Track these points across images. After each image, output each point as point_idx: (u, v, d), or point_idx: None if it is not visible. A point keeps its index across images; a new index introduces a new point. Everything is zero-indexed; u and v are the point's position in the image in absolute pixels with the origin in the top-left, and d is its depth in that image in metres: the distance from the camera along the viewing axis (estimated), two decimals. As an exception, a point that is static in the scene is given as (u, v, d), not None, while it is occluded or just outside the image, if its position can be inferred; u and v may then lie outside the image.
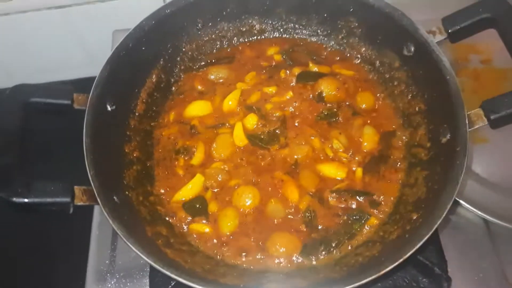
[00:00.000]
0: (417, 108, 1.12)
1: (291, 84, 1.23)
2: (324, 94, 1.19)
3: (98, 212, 1.23)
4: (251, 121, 1.17)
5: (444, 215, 0.87)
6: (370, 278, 0.82)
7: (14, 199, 0.87)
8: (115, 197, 0.96)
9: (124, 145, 1.10)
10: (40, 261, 1.24)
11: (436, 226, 0.86)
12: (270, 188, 1.08)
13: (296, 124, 1.17)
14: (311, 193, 1.06)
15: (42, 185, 0.90)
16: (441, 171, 0.97)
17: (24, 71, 1.59)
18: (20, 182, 0.88)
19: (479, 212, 1.13)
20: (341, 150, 1.12)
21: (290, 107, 1.19)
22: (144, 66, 1.18)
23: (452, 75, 1.01)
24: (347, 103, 1.19)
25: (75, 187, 0.93)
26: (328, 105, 1.19)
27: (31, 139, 0.95)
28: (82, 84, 1.04)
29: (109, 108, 1.07)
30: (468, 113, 0.97)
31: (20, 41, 1.54)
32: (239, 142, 1.14)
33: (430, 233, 0.86)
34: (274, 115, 1.18)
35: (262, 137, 1.15)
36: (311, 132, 1.15)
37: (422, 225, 0.89)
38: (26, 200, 0.88)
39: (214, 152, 1.13)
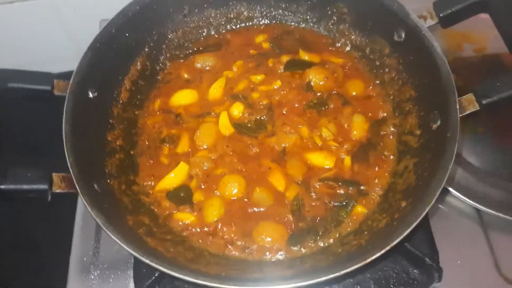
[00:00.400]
0: (407, 95, 1.09)
1: (279, 71, 1.20)
2: (312, 84, 1.16)
3: (82, 203, 1.19)
4: (237, 109, 1.14)
5: (433, 202, 0.85)
6: (356, 266, 0.80)
7: (-12, 186, 0.84)
8: (95, 185, 0.93)
9: (106, 133, 1.07)
10: (22, 252, 1.20)
11: (425, 213, 0.84)
12: (256, 177, 1.05)
13: (284, 112, 1.14)
14: (298, 182, 1.04)
15: (18, 171, 0.87)
16: (431, 158, 0.95)
17: (8, 62, 1.55)
18: (-5, 168, 0.85)
19: (471, 202, 1.11)
20: (329, 139, 1.10)
21: (278, 96, 1.16)
22: (128, 53, 1.15)
23: (443, 60, 0.98)
24: (337, 92, 1.17)
25: (53, 174, 0.90)
26: (317, 94, 1.16)
27: (7, 125, 0.91)
28: (69, 77, 1.01)
29: (90, 95, 1.04)
30: (459, 98, 0.94)
31: (5, 32, 1.50)
32: (225, 131, 1.11)
33: (419, 220, 0.83)
34: (261, 103, 1.15)
35: (249, 125, 1.13)
36: (299, 120, 1.12)
37: (411, 212, 0.86)
38: (1, 186, 0.85)
39: (197, 140, 1.10)
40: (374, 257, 0.80)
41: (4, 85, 0.95)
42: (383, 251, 0.80)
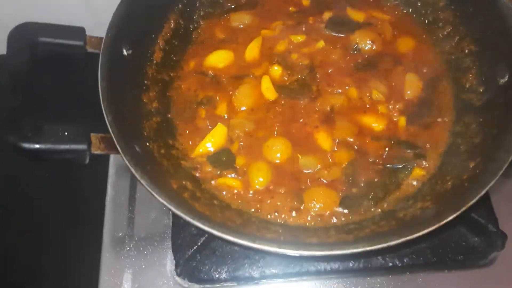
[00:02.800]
0: (466, 50, 1.02)
1: (322, 32, 1.12)
2: (359, 47, 1.09)
3: (113, 172, 1.13)
4: (276, 72, 1.07)
5: (510, 160, 0.77)
6: (429, 229, 0.72)
7: (24, 144, 0.77)
8: (136, 146, 0.86)
9: (142, 95, 1.00)
10: (51, 225, 1.14)
11: (502, 171, 0.77)
12: (302, 138, 0.98)
13: (330, 72, 1.06)
14: (350, 143, 0.97)
15: (55, 129, 0.80)
16: (500, 114, 0.87)
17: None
18: (30, 126, 0.78)
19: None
20: (380, 100, 1.02)
21: (321, 56, 1.09)
22: (161, 9, 1.08)
23: (510, 8, 0.90)
24: (387, 52, 1.09)
25: (92, 134, 0.84)
26: (365, 55, 1.08)
27: (41, 83, 0.84)
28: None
29: (125, 53, 0.97)
30: (532, 48, 0.87)
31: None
32: (269, 95, 1.04)
33: (495, 179, 0.76)
34: (301, 63, 1.08)
35: (292, 87, 1.05)
36: (347, 81, 1.05)
37: (484, 171, 0.79)
38: (37, 145, 0.78)
39: (235, 101, 1.03)
40: (449, 218, 0.73)
41: (35, 38, 0.87)
42: (459, 212, 0.73)
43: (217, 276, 0.97)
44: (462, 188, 0.82)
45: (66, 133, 0.80)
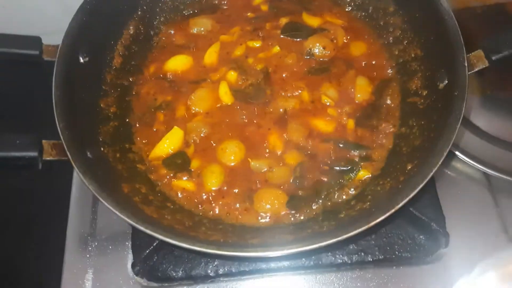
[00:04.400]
0: (413, 54, 1.05)
1: (278, 37, 1.15)
2: (312, 52, 1.11)
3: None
4: (232, 77, 1.10)
5: (440, 162, 0.81)
6: (359, 230, 0.76)
7: (-25, 153, 0.80)
8: (88, 152, 0.90)
9: (99, 100, 1.03)
10: (16, 224, 1.17)
11: (431, 174, 0.80)
12: (256, 141, 1.02)
13: (284, 76, 1.10)
14: (300, 145, 1.00)
15: (6, 138, 0.83)
16: (438, 119, 0.90)
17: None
18: (-19, 135, 0.81)
19: (479, 166, 1.07)
20: (330, 104, 1.05)
21: (276, 61, 1.12)
22: (119, 16, 1.11)
23: (450, 15, 0.93)
24: (339, 56, 1.12)
25: (44, 141, 0.87)
26: (318, 60, 1.11)
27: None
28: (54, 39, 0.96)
29: (81, 60, 1.00)
30: (468, 55, 0.90)
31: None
32: (226, 100, 1.07)
33: (425, 181, 0.80)
34: (256, 67, 1.11)
35: (247, 91, 1.08)
36: (299, 85, 1.08)
37: (417, 174, 0.83)
38: (-11, 154, 0.81)
39: (191, 105, 1.06)
40: (378, 220, 0.77)
41: (-11, 49, 0.90)
42: (387, 214, 0.77)
43: (174, 275, 1.01)
44: (396, 189, 0.85)
45: (17, 141, 0.83)
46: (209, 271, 1.01)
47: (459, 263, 1.02)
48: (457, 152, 1.07)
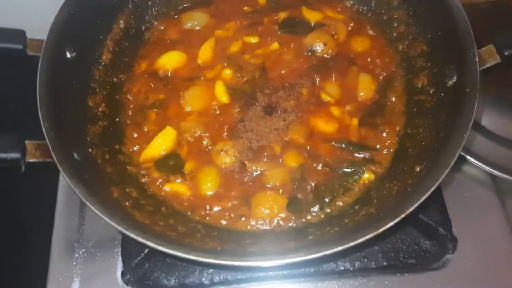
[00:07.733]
0: (419, 50, 1.00)
1: (277, 33, 1.10)
2: (313, 49, 1.07)
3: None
4: (228, 74, 1.05)
5: (452, 164, 0.76)
6: (367, 237, 0.71)
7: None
8: (74, 154, 0.84)
9: (87, 98, 0.97)
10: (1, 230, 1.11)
11: (443, 176, 0.75)
12: (253, 142, 0.96)
13: (283, 72, 1.04)
14: (301, 146, 0.95)
15: (-15, 139, 0.77)
16: (447, 118, 0.86)
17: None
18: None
19: (487, 167, 1.02)
20: (332, 102, 1.00)
21: (275, 57, 1.07)
22: (109, 10, 1.05)
23: (460, 9, 0.89)
24: (341, 52, 1.07)
25: (27, 141, 0.81)
26: (319, 56, 1.07)
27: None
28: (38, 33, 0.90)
29: (68, 55, 0.94)
30: (479, 50, 0.85)
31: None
32: (223, 99, 1.02)
33: (437, 184, 0.75)
34: (253, 62, 1.06)
35: (243, 89, 1.03)
36: (300, 82, 1.03)
37: (427, 177, 0.78)
38: (-34, 156, 0.75)
39: (184, 104, 1.02)
40: (387, 226, 0.72)
41: (-31, 43, 0.84)
42: (397, 219, 0.72)
43: (166, 283, 0.95)
44: (405, 193, 0.81)
45: (-2, 142, 0.77)
46: (203, 280, 0.96)
47: (467, 270, 0.97)
48: (462, 153, 1.02)
